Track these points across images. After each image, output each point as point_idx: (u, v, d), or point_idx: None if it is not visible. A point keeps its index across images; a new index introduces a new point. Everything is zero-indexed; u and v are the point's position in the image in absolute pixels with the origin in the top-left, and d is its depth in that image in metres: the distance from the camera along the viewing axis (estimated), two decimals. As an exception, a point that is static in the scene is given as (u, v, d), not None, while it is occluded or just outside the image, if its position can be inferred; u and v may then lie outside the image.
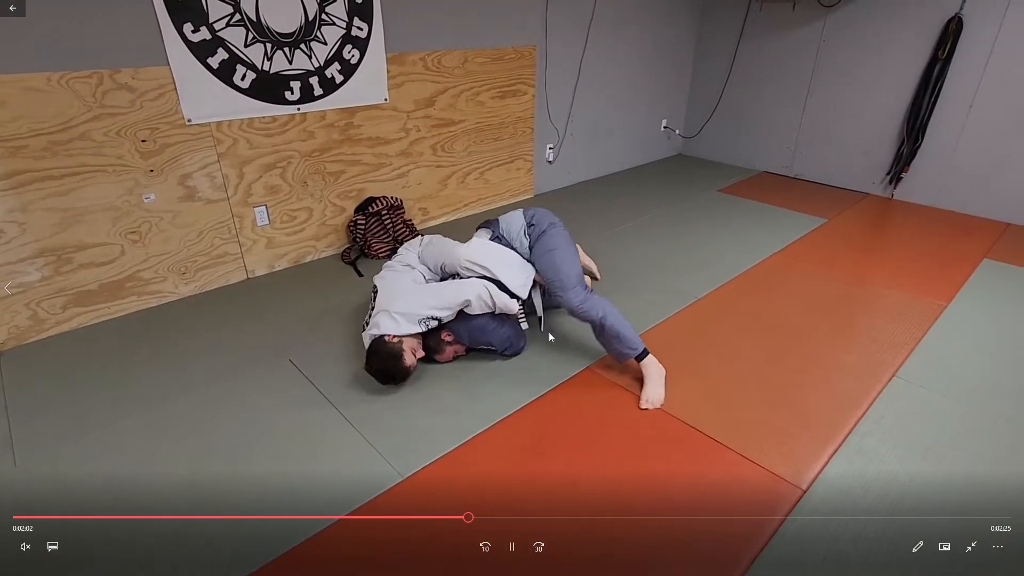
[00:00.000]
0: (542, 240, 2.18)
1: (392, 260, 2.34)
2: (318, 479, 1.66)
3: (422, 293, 2.08)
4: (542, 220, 2.23)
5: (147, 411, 1.93)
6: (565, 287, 2.06)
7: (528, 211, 2.29)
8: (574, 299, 2.03)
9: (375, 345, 1.98)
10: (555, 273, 2.09)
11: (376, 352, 1.96)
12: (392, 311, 2.00)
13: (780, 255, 3.18)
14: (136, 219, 2.44)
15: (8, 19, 1.98)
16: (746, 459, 1.73)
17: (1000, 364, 2.22)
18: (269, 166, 2.76)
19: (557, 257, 2.11)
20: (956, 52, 3.58)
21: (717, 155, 5.11)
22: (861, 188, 4.28)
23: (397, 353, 1.95)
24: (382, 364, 1.95)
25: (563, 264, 2.09)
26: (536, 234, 2.21)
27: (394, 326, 1.98)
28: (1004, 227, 3.59)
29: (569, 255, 2.13)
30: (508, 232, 2.25)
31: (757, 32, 4.51)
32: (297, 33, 2.62)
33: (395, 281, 2.17)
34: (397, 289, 2.12)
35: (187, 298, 2.68)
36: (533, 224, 2.23)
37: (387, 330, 1.98)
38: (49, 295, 2.32)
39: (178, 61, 2.34)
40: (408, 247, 2.39)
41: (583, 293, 2.06)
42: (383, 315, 2.01)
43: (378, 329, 1.99)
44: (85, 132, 2.22)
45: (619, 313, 2.05)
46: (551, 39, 3.76)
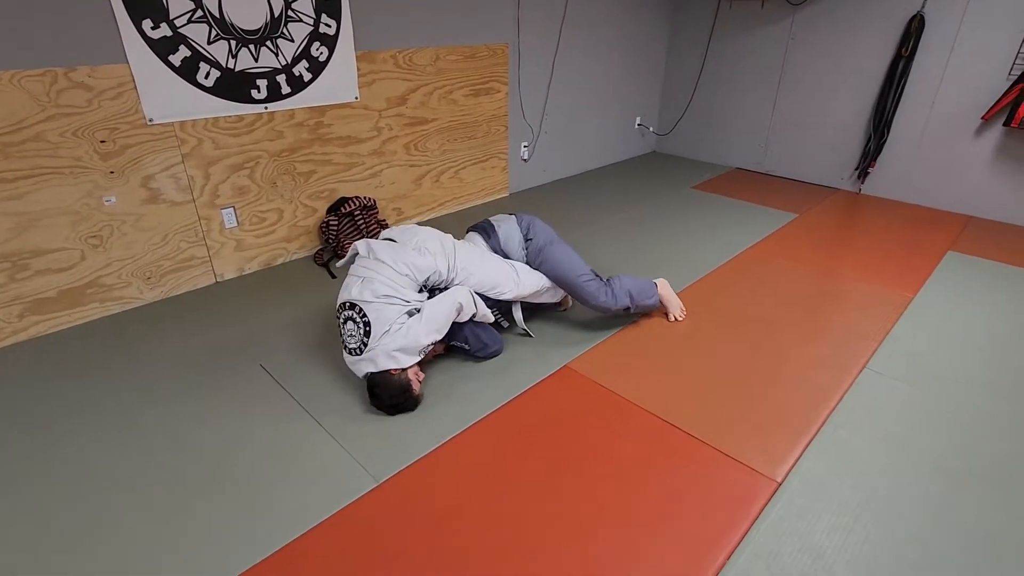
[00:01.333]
0: (544, 258, 2.24)
1: (376, 265, 1.96)
2: (292, 485, 1.62)
3: (419, 326, 1.89)
4: (539, 235, 2.26)
5: (113, 422, 1.86)
6: (587, 295, 2.24)
7: (522, 221, 2.29)
8: (601, 301, 2.25)
9: (380, 380, 1.85)
10: (572, 287, 2.25)
11: (383, 387, 1.85)
12: (391, 351, 1.85)
13: (752, 250, 3.22)
14: (96, 223, 2.36)
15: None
16: (722, 453, 1.74)
17: (966, 354, 2.27)
18: (236, 167, 2.69)
19: (566, 271, 2.23)
20: (919, 49, 3.67)
21: (690, 152, 5.16)
22: (830, 183, 4.36)
23: (406, 385, 1.86)
24: (393, 400, 1.86)
25: (576, 276, 2.22)
26: (535, 250, 2.24)
27: (394, 364, 1.85)
28: (967, 220, 3.69)
29: (578, 264, 2.25)
30: (507, 245, 2.26)
31: (727, 30, 4.56)
32: (263, 30, 2.56)
33: (388, 314, 1.88)
34: (390, 325, 1.87)
35: (153, 304, 2.60)
36: (531, 239, 2.26)
37: (386, 367, 1.85)
38: (4, 303, 2.23)
39: (137, 59, 2.26)
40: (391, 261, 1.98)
41: (607, 292, 2.26)
42: (381, 354, 1.85)
43: (375, 367, 1.85)
44: (39, 133, 2.13)
45: (630, 280, 2.34)
46: (524, 36, 3.74)
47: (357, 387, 2.02)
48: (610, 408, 1.94)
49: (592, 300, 2.25)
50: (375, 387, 1.86)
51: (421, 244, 2.04)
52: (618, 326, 2.42)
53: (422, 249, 2.03)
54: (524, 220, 2.30)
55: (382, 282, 1.91)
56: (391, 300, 1.90)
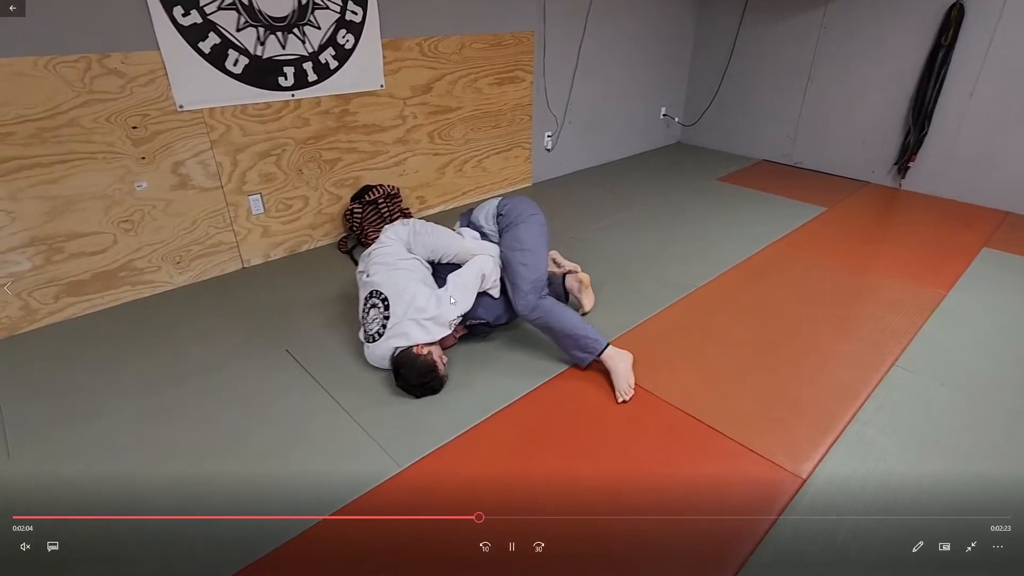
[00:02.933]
0: (511, 232, 2.12)
1: (379, 252, 2.07)
2: (316, 469, 1.64)
3: (444, 295, 1.95)
4: (513, 211, 2.17)
5: (141, 402, 1.91)
6: (517, 289, 2.02)
7: (504, 200, 2.25)
8: (520, 303, 2.01)
9: (406, 360, 1.84)
10: (512, 273, 2.05)
11: (410, 367, 1.84)
12: (421, 319, 1.86)
13: (779, 244, 3.16)
14: (128, 208, 2.40)
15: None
16: (746, 448, 1.72)
17: (999, 354, 2.21)
18: (263, 154, 2.72)
19: (517, 257, 2.05)
20: (958, 39, 3.55)
21: (716, 143, 5.07)
22: (861, 176, 4.26)
23: (432, 365, 1.86)
24: (421, 380, 1.86)
25: (522, 265, 2.03)
26: (505, 224, 2.16)
27: (425, 335, 1.86)
28: (1003, 216, 3.58)
29: (532, 256, 2.05)
30: (477, 217, 2.25)
31: (757, 18, 4.46)
32: (290, 17, 2.57)
33: (406, 283, 1.96)
34: (414, 293, 1.92)
35: (182, 288, 2.65)
36: (503, 214, 2.19)
37: (417, 340, 1.86)
38: (41, 285, 2.29)
39: (168, 45, 2.29)
40: (392, 237, 2.12)
41: (533, 300, 2.00)
42: (411, 324, 1.86)
43: (407, 340, 1.86)
44: (74, 118, 2.17)
45: (569, 313, 2.02)
46: (549, 25, 3.70)
47: (380, 372, 2.04)
48: (632, 400, 1.93)
49: (520, 286, 2.01)
50: (401, 367, 1.87)
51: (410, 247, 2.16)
52: (641, 318, 2.40)
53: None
54: (507, 199, 2.24)
55: (380, 252, 2.05)
56: (397, 267, 2.00)
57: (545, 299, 2.02)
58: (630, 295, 2.58)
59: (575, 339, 1.99)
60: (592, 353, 1.99)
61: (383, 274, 1.99)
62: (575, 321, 2.00)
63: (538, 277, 2.04)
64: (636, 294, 2.60)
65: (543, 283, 2.06)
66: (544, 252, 2.13)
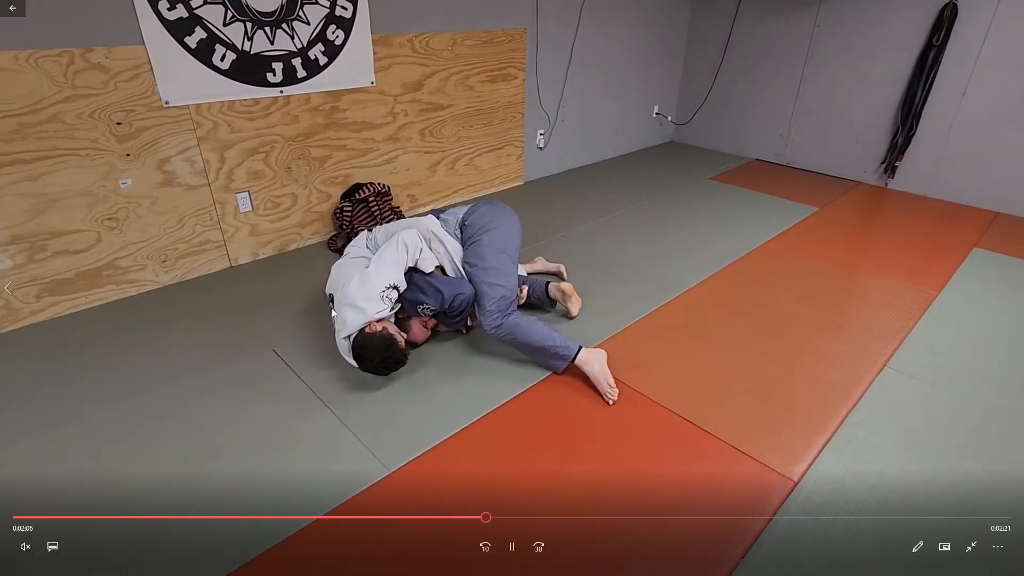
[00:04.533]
0: (473, 248, 2.08)
1: (341, 259, 2.15)
2: (303, 471, 1.62)
3: (368, 270, 1.95)
4: (476, 223, 2.11)
5: (126, 404, 1.87)
6: (481, 308, 2.00)
7: (471, 208, 2.19)
8: (485, 322, 1.99)
9: (363, 341, 1.85)
10: (477, 292, 2.02)
11: (367, 347, 1.85)
12: (351, 302, 1.87)
13: (771, 243, 3.16)
14: (113, 205, 2.36)
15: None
16: (738, 450, 1.71)
17: (990, 354, 2.21)
18: (252, 151, 2.68)
19: (480, 276, 2.02)
20: (950, 39, 3.55)
21: (709, 142, 5.07)
22: (853, 176, 4.26)
23: (389, 338, 1.87)
24: (382, 355, 1.85)
25: (484, 284, 2.00)
26: (467, 237, 2.11)
27: (360, 316, 1.85)
28: (993, 216, 3.59)
29: (496, 274, 2.00)
30: (446, 225, 2.18)
31: (750, 17, 4.45)
32: (278, 12, 2.53)
33: (341, 274, 2.02)
34: (345, 279, 1.96)
35: (168, 287, 2.61)
36: (466, 224, 2.14)
37: (356, 323, 1.85)
38: (23, 284, 2.24)
39: (153, 40, 2.25)
40: (357, 242, 2.21)
41: (498, 319, 1.96)
42: (346, 309, 1.87)
43: (346, 327, 1.86)
44: (56, 114, 2.13)
45: (536, 327, 1.98)
46: (542, 22, 3.68)
47: (368, 375, 2.01)
48: (623, 402, 1.91)
49: (483, 303, 1.99)
50: (360, 349, 1.86)
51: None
52: (633, 318, 2.39)
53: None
54: (474, 207, 2.17)
55: (347, 254, 2.14)
56: (342, 265, 2.07)
57: (510, 316, 1.98)
58: (621, 294, 2.56)
59: (543, 351, 1.98)
60: (565, 360, 1.97)
61: (332, 274, 2.08)
62: (542, 334, 1.97)
63: (503, 295, 1.98)
64: (627, 293, 2.58)
65: (510, 300, 2.01)
66: (511, 265, 2.07)
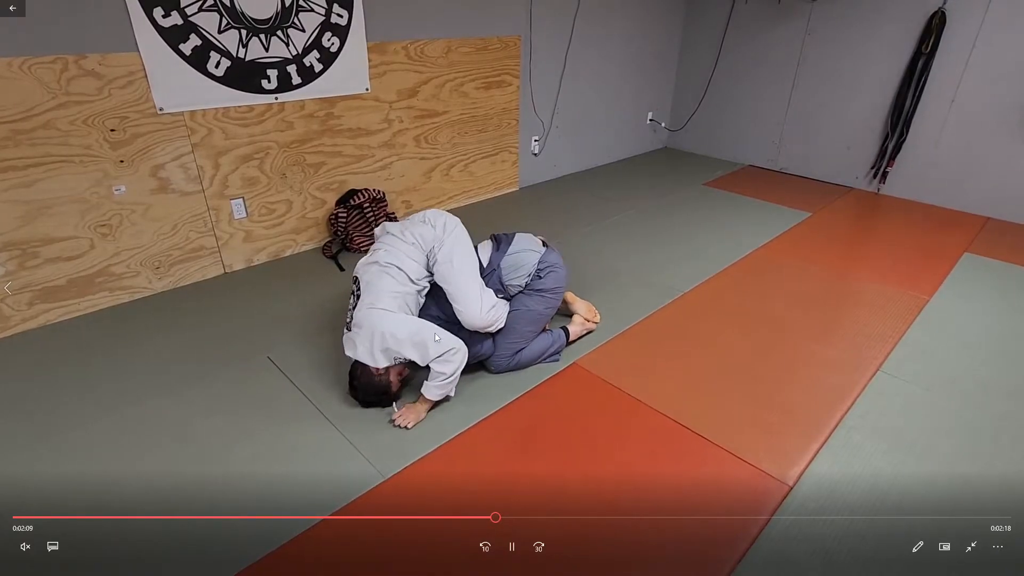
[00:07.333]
0: (522, 313, 2.04)
1: (379, 251, 1.96)
2: (298, 479, 1.61)
3: (400, 329, 1.78)
4: (550, 283, 2.07)
5: (121, 412, 1.86)
6: (496, 356, 2.03)
7: (552, 264, 2.08)
8: (495, 365, 2.04)
9: (363, 375, 1.81)
10: (497, 344, 2.02)
11: (364, 387, 1.82)
12: (374, 349, 1.76)
13: (765, 249, 3.17)
14: (106, 212, 2.35)
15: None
16: (733, 455, 1.71)
17: (981, 358, 2.23)
18: (246, 157, 2.67)
19: (510, 338, 2.02)
20: (939, 47, 3.60)
21: (702, 148, 5.10)
22: (845, 182, 4.30)
23: (386, 387, 1.82)
24: (369, 400, 1.84)
25: (508, 344, 2.02)
26: (533, 289, 2.07)
27: (371, 360, 1.78)
28: (984, 221, 3.63)
29: (521, 341, 2.05)
30: (513, 265, 2.05)
31: (743, 24, 4.49)
32: (273, 19, 2.54)
33: (378, 283, 1.85)
34: (377, 295, 1.82)
35: (161, 293, 2.59)
36: (540, 277, 2.07)
37: (364, 359, 1.78)
38: (14, 291, 2.23)
39: (148, 47, 2.25)
40: (398, 232, 2.02)
41: (507, 361, 2.04)
42: (363, 347, 1.78)
43: (355, 353, 1.79)
44: (50, 120, 2.12)
45: (535, 347, 2.08)
46: (536, 29, 3.70)
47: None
48: (619, 407, 1.92)
49: (491, 362, 2.04)
50: (355, 380, 1.83)
51: (429, 219, 2.06)
52: (628, 324, 2.39)
53: (428, 222, 2.05)
54: (550, 255, 2.09)
55: (386, 250, 1.94)
56: (388, 269, 1.89)
57: (516, 355, 2.05)
58: (617, 300, 2.57)
59: (544, 358, 2.13)
60: (560, 352, 2.17)
61: (372, 263, 1.92)
62: (539, 349, 2.10)
63: (519, 349, 2.05)
64: (623, 299, 2.59)
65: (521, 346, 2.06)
66: (535, 335, 2.10)
